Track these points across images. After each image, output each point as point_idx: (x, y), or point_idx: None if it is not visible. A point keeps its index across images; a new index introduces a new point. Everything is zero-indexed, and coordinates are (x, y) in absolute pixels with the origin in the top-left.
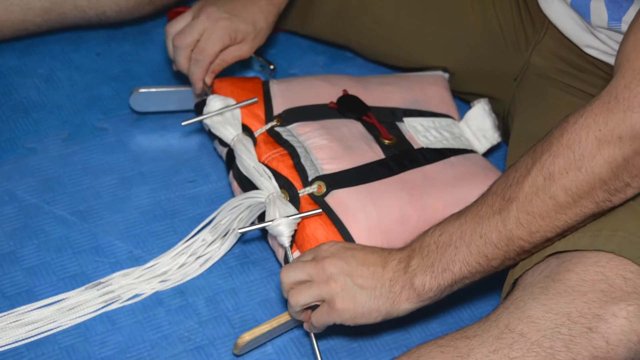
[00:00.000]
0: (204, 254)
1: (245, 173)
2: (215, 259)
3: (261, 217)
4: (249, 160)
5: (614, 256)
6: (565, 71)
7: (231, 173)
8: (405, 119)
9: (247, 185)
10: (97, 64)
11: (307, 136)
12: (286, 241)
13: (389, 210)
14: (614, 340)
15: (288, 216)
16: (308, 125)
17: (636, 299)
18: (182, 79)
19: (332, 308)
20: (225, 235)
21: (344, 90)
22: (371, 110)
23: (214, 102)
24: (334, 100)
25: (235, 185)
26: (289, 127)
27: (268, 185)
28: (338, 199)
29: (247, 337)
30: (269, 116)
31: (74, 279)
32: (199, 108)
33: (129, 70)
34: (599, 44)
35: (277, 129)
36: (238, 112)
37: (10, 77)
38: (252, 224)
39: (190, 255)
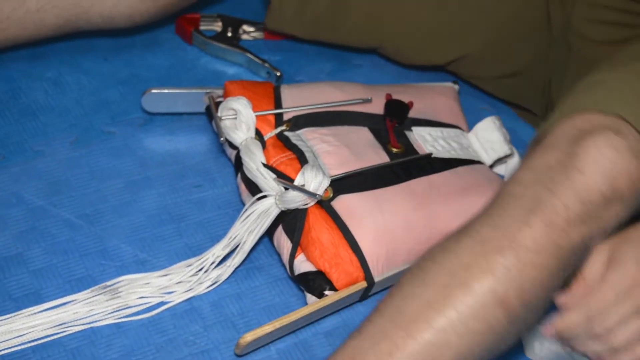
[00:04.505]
0: (213, 271)
1: (249, 175)
2: (226, 276)
3: (271, 227)
4: (251, 163)
5: (595, 114)
6: (613, 23)
7: (239, 175)
8: (414, 128)
9: (254, 187)
10: (105, 69)
11: (316, 141)
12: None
13: (394, 216)
14: (589, 171)
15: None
16: (317, 131)
17: (604, 132)
18: (192, 83)
19: None
20: (235, 249)
21: (388, 95)
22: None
23: (231, 104)
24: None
25: (242, 187)
26: (298, 132)
27: (272, 186)
28: (344, 204)
29: (249, 337)
30: (278, 121)
31: (80, 282)
32: (210, 111)
33: (137, 74)
34: None
35: (286, 133)
36: (253, 116)
37: (19, 80)
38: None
39: (200, 270)
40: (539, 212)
